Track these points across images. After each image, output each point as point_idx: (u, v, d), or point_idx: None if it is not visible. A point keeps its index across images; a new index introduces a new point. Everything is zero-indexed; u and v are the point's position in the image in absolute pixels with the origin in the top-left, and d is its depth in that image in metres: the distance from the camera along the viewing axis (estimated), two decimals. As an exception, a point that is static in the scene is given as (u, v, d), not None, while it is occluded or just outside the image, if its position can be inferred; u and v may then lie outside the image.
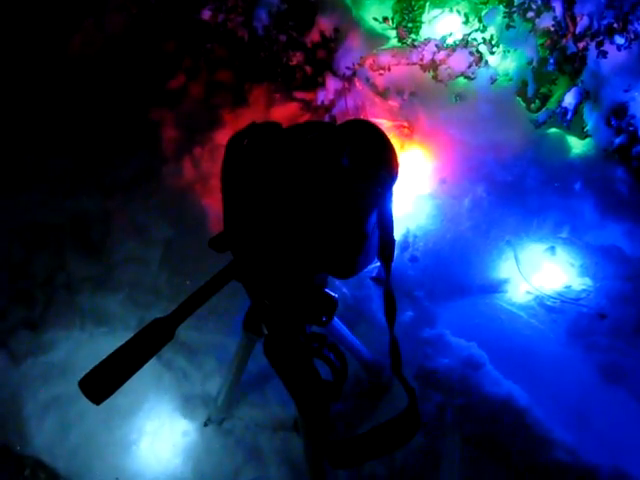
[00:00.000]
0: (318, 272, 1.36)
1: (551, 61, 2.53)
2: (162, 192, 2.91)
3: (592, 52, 2.48)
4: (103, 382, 1.15)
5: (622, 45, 2.23)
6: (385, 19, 2.78)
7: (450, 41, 2.78)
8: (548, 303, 2.35)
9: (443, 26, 2.96)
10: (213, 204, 2.80)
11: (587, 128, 2.62)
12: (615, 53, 2.43)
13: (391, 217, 1.24)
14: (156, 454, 2.33)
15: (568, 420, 2.11)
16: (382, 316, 2.51)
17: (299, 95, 2.97)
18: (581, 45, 2.48)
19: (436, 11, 3.01)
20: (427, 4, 2.95)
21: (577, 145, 2.73)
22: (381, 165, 1.37)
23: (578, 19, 2.30)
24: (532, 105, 2.88)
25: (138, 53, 3.30)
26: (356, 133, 1.36)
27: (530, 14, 2.45)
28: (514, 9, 2.49)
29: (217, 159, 2.91)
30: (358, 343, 2.09)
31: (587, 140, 2.69)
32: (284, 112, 2.92)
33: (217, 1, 2.80)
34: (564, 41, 2.47)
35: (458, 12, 2.74)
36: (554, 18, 2.35)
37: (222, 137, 2.98)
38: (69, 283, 2.77)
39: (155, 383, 2.49)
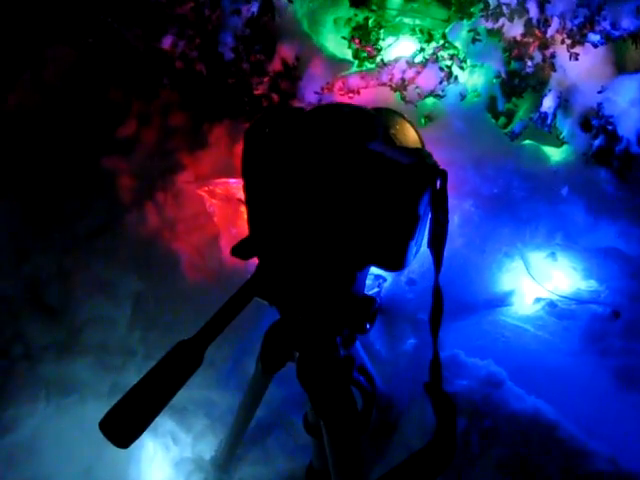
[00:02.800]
0: (364, 266, 1.25)
1: (523, 71, 2.58)
2: (126, 243, 2.76)
3: (560, 58, 2.55)
4: (129, 421, 0.98)
5: (597, 42, 2.29)
6: (353, 38, 2.78)
7: (419, 59, 2.79)
8: (562, 306, 2.31)
9: (398, 52, 2.99)
10: (183, 249, 2.67)
11: (563, 135, 2.67)
12: (583, 57, 2.49)
13: (446, 195, 1.15)
14: (148, 532, 2.13)
15: (594, 430, 2.04)
16: (380, 343, 2.42)
17: (266, 127, 2.87)
18: (549, 52, 2.54)
19: (390, 39, 3.05)
20: (382, 32, 2.99)
21: (555, 153, 2.77)
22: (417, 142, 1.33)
23: (550, 21, 2.36)
24: (499, 121, 2.92)
25: (82, 103, 3.18)
26: (384, 115, 1.31)
27: (499, 23, 2.50)
28: (481, 19, 2.54)
29: (182, 203, 2.82)
30: (372, 369, 1.97)
31: (564, 147, 2.73)
32: (250, 148, 2.83)
33: (179, 26, 2.73)
34: (531, 49, 2.53)
35: (420, 32, 2.77)
36: (528, 21, 2.40)
37: (185, 179, 2.87)
38: (28, 353, 2.56)
39: (138, 453, 2.29)
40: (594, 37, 2.30)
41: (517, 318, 2.42)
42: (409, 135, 1.33)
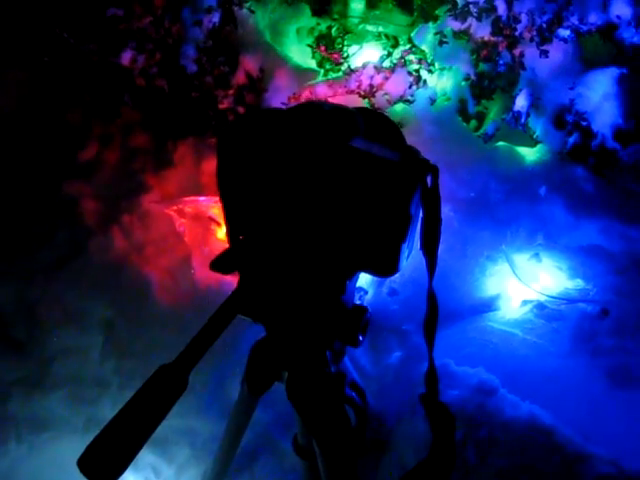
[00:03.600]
0: (354, 272, 1.18)
1: (492, 72, 2.57)
2: (93, 270, 2.63)
3: (529, 57, 2.54)
4: (112, 455, 0.86)
5: (567, 37, 2.28)
6: (318, 45, 2.74)
7: (386, 64, 2.75)
8: (551, 307, 2.27)
9: (364, 60, 2.96)
10: (154, 272, 2.58)
11: (536, 134, 2.65)
12: (553, 54, 2.49)
13: (438, 192, 1.09)
14: None
15: (591, 433, 1.99)
16: (365, 358, 2.35)
17: (231, 141, 2.80)
18: (517, 52, 2.53)
19: (355, 47, 3.03)
20: (346, 40, 2.96)
21: (530, 153, 2.75)
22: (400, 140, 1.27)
23: (518, 18, 2.35)
24: (469, 124, 2.89)
25: (40, 127, 3.08)
26: (365, 113, 1.25)
27: (467, 23, 2.49)
28: (447, 21, 2.52)
29: (149, 225, 2.73)
30: (362, 384, 1.89)
31: (538, 147, 2.72)
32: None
33: (139, 40, 2.65)
34: (500, 48, 2.52)
35: (386, 37, 2.75)
36: (496, 19, 2.39)
37: (151, 200, 2.79)
38: (-5, 391, 2.43)
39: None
40: (564, 32, 2.30)
41: (504, 323, 2.38)
42: (392, 133, 1.27)
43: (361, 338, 1.29)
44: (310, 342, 1.30)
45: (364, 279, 2.40)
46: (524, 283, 2.39)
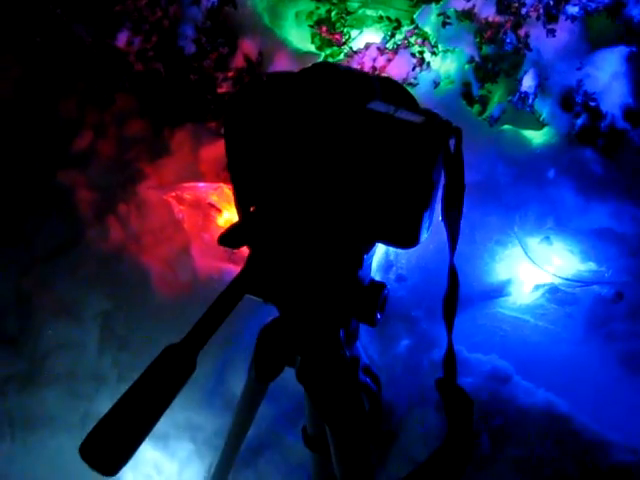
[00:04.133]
0: (372, 243, 1.11)
1: (496, 54, 2.51)
2: (89, 261, 2.55)
3: (534, 38, 2.48)
4: (117, 441, 0.77)
5: (576, 14, 2.23)
6: (319, 27, 2.68)
7: (389, 45, 2.68)
8: (565, 290, 2.22)
9: (364, 44, 2.90)
10: (152, 261, 2.50)
11: (543, 117, 2.60)
12: (559, 34, 2.44)
13: (461, 157, 1.02)
14: None
15: (607, 420, 1.94)
16: (372, 347, 2.29)
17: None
18: (522, 32, 2.47)
19: (354, 32, 2.97)
20: (347, 22, 2.91)
21: (536, 136, 2.68)
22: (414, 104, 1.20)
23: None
24: (473, 108, 2.84)
25: (32, 115, 3.00)
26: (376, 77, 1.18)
27: (471, 2, 2.43)
28: (450, 1, 2.46)
29: (147, 214, 2.65)
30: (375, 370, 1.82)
31: (545, 129, 2.66)
32: (216, 151, 2.69)
33: (135, 21, 2.57)
34: (505, 28, 2.46)
35: (388, 19, 2.69)
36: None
37: (148, 189, 2.72)
38: (-12, 387, 2.35)
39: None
40: (572, 9, 2.24)
41: (515, 309, 2.33)
42: (407, 98, 1.20)
43: (379, 316, 1.22)
44: (325, 321, 1.23)
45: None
46: (537, 265, 2.33)
